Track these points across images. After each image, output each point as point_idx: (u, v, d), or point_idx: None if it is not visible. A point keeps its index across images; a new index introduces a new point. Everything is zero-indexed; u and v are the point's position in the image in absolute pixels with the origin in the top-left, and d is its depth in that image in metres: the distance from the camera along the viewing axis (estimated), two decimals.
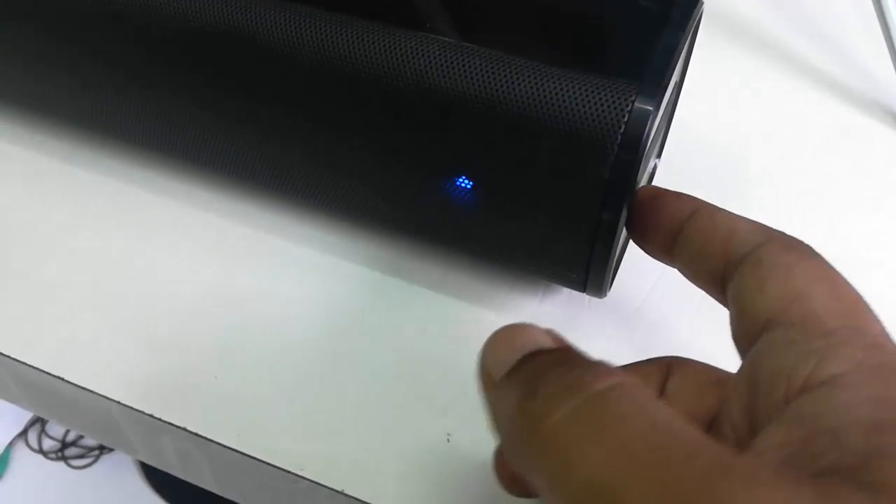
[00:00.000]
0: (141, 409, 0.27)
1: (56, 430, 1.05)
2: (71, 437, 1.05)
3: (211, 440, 0.26)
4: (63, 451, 1.04)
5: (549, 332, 0.18)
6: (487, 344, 0.18)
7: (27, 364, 0.28)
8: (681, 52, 0.25)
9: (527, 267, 0.28)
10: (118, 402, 0.27)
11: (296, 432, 0.26)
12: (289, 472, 0.25)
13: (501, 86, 0.24)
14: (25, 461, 1.04)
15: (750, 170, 0.35)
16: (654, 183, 0.31)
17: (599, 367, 0.16)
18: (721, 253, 0.21)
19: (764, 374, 0.17)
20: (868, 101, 0.38)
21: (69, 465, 1.03)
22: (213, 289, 0.30)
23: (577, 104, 0.23)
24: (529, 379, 0.16)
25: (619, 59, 0.25)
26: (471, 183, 0.26)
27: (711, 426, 0.20)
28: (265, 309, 0.29)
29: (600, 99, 0.23)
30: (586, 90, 0.23)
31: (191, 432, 0.26)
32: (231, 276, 0.30)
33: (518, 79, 0.24)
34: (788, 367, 0.17)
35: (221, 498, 0.35)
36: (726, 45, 0.40)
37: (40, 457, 1.04)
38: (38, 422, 1.06)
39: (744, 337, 0.19)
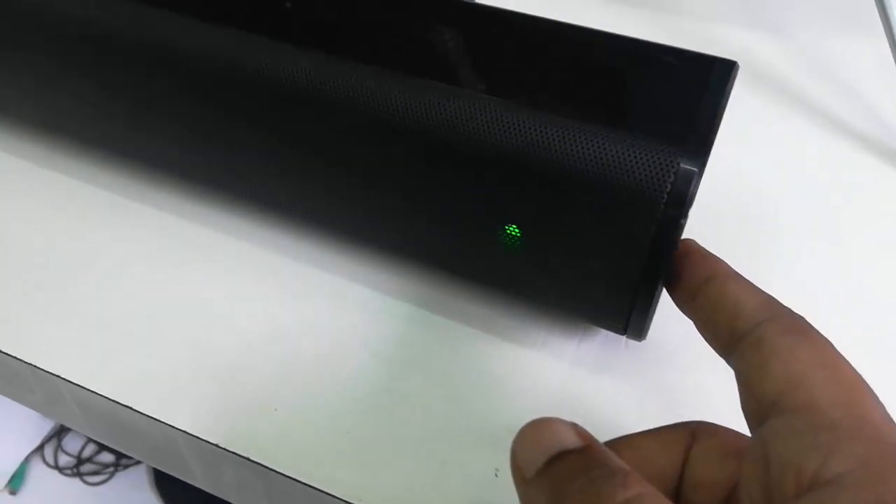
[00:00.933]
0: (206, 438, 0.28)
1: (71, 446, 1.07)
2: (86, 453, 1.06)
3: (271, 469, 0.28)
4: (78, 468, 1.05)
5: (574, 427, 0.20)
6: (517, 440, 0.20)
7: (97, 393, 0.29)
8: (721, 115, 0.27)
9: (570, 311, 0.30)
10: (184, 432, 0.28)
11: (352, 464, 0.28)
12: (346, 501, 0.27)
13: (555, 145, 0.26)
14: (41, 477, 1.05)
15: (778, 217, 0.36)
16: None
17: (617, 478, 0.18)
18: (726, 325, 0.22)
19: (774, 464, 0.18)
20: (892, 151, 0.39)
21: (84, 481, 1.04)
22: (271, 323, 0.32)
23: (627, 164, 0.25)
24: (556, 486, 0.19)
25: (663, 119, 0.27)
26: (520, 232, 0.28)
27: (732, 495, 0.21)
28: (320, 344, 0.31)
29: (649, 160, 0.25)
30: (636, 151, 0.25)
31: (252, 461, 0.28)
32: (288, 312, 0.32)
33: (572, 139, 0.25)
34: (796, 461, 0.18)
35: None
36: (754, 95, 0.42)
37: (56, 472, 1.05)
38: (55, 437, 1.07)
39: (751, 414, 0.20)
